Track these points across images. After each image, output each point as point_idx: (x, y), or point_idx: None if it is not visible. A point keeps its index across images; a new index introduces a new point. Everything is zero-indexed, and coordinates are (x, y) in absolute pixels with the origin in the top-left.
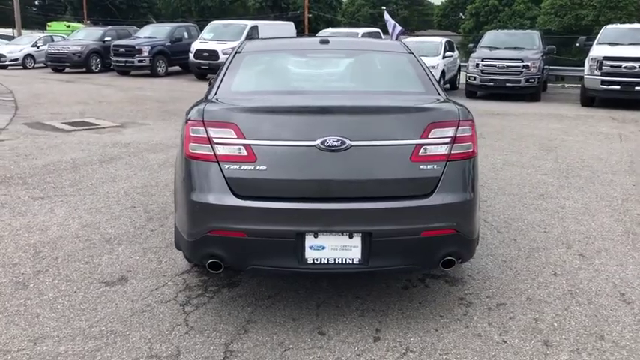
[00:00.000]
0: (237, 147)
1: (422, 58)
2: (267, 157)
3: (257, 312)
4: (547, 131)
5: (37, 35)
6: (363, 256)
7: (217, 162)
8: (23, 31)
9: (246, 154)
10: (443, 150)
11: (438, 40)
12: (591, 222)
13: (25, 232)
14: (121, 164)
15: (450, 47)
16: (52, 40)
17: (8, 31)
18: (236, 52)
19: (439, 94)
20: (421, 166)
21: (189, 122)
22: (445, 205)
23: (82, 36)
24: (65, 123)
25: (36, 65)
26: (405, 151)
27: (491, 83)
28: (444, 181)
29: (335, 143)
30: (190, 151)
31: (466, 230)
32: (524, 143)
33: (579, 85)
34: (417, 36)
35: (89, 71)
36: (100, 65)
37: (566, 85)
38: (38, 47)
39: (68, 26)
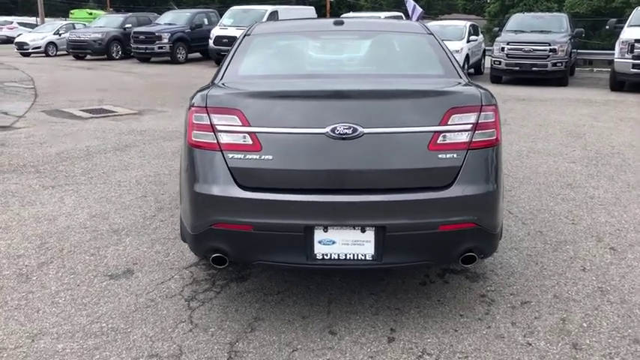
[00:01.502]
0: (242, 135)
1: (445, 42)
2: (273, 146)
3: (265, 309)
4: (575, 117)
5: (59, 23)
6: (377, 252)
7: (221, 151)
8: (46, 19)
9: (251, 142)
10: (463, 137)
11: (462, 24)
12: (623, 213)
13: (32, 222)
14: (135, 152)
15: (474, 31)
16: (74, 28)
17: (32, 19)
18: (245, 35)
19: (460, 77)
20: (440, 155)
21: (192, 108)
22: (465, 197)
23: (103, 23)
24: (83, 110)
25: (58, 53)
26: (422, 138)
27: (517, 68)
28: (464, 171)
29: (346, 131)
30: (193, 139)
31: (488, 224)
32: (551, 130)
33: (608, 70)
34: (441, 20)
35: (110, 58)
36: (120, 52)
37: (595, 69)
38: (60, 35)
39: (90, 14)
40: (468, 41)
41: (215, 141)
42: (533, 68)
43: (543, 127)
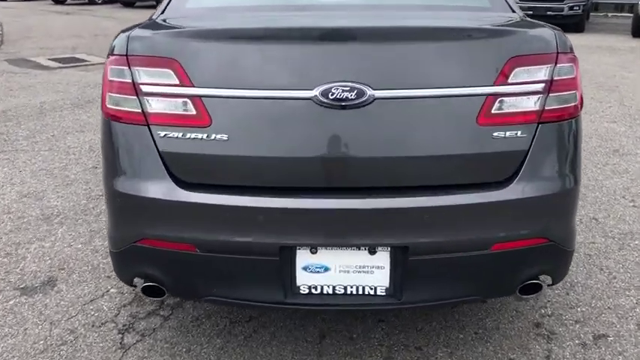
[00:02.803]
0: (180, 100)
1: None
2: (229, 119)
3: (229, 347)
4: (601, 67)
5: None
6: (394, 284)
7: (148, 125)
8: None
9: (194, 112)
10: (531, 104)
11: None
12: None
13: None
14: (96, 109)
15: None
16: None
17: None
18: None
19: (512, 10)
20: (495, 133)
21: (109, 58)
22: (534, 199)
23: None
24: (52, 59)
25: None
26: (467, 106)
27: (530, 12)
28: (532, 157)
29: (346, 94)
30: (108, 106)
31: (563, 237)
32: None
33: (625, 15)
34: None
35: (91, 3)
36: None
37: (610, 14)
38: None
39: None
40: None
41: (139, 109)
42: (548, 12)
43: None
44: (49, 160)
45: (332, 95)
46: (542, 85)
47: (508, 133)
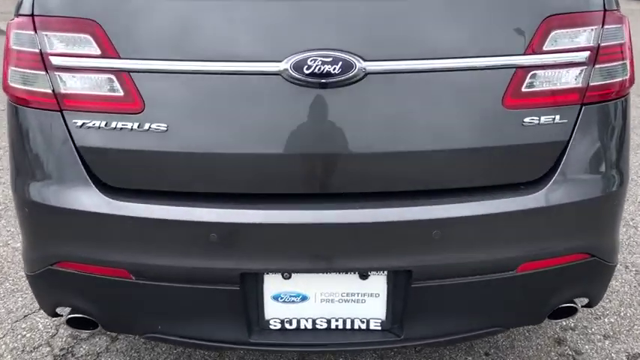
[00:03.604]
0: (103, 76)
1: None
2: (167, 102)
3: None
4: None
5: None
6: (392, 317)
7: (61, 111)
8: None
9: (121, 93)
10: (573, 79)
11: None
12: None
13: None
14: None
15: None
16: None
17: None
18: None
19: None
20: (527, 118)
21: (12, 20)
22: (576, 204)
23: None
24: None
25: None
26: (491, 82)
27: None
28: (573, 150)
29: (327, 67)
30: (10, 84)
31: (608, 249)
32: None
33: None
34: None
35: None
36: None
37: None
38: None
39: None
40: None
41: (50, 89)
42: None
43: None
44: None
45: (308, 69)
46: (588, 52)
47: (543, 119)
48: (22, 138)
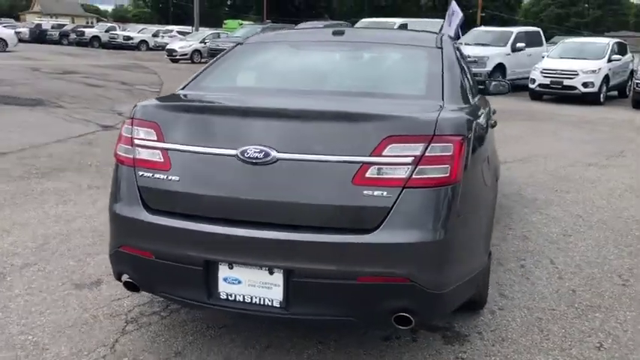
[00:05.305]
0: (155, 151)
1: (582, 61)
2: (181, 166)
3: (195, 344)
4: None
5: (206, 32)
6: (286, 299)
7: (134, 167)
8: (201, 29)
9: (161, 159)
10: (400, 173)
11: (605, 42)
12: None
13: (51, 221)
14: None
15: (619, 49)
16: (218, 37)
17: (188, 29)
18: (238, 43)
19: (443, 99)
20: (365, 192)
21: (126, 120)
22: (394, 245)
23: (241, 33)
24: None
25: (202, 60)
26: (346, 170)
27: None
28: (396, 212)
29: (257, 154)
30: (117, 152)
31: (427, 280)
32: None
33: None
34: (582, 37)
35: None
36: None
37: None
38: (205, 43)
39: (241, 24)
40: (609, 60)
41: (132, 156)
42: None
43: None
44: None
45: (247, 154)
46: (413, 158)
47: (376, 193)
48: (117, 179)
